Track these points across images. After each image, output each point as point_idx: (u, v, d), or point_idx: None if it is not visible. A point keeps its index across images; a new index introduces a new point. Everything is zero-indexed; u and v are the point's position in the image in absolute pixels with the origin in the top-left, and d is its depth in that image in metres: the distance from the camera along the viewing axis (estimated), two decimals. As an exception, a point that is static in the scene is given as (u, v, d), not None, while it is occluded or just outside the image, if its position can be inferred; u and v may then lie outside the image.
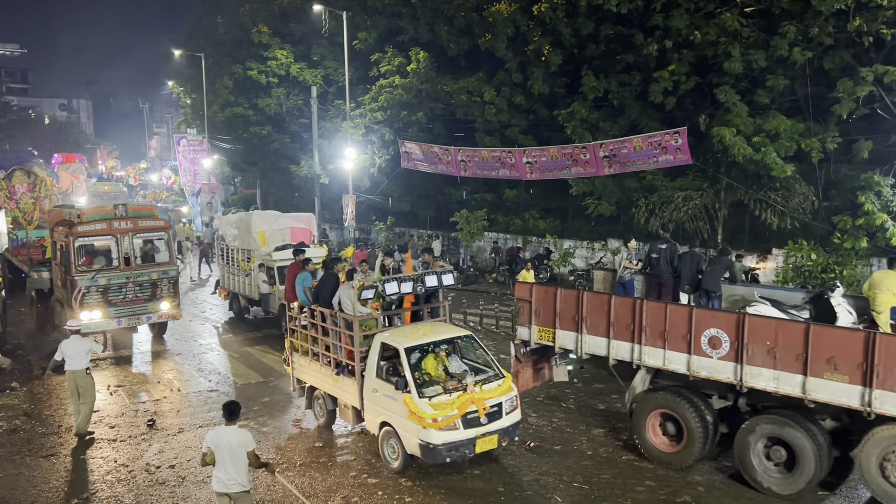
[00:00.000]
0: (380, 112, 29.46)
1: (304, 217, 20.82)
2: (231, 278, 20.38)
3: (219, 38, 39.41)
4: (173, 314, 16.95)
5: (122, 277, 16.00)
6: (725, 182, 20.84)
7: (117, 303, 15.99)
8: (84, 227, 15.76)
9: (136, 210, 16.86)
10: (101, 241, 16.11)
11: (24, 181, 24.43)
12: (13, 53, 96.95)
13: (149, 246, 16.87)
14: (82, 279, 15.46)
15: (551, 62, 25.35)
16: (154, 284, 16.43)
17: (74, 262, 15.54)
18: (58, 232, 16.58)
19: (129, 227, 16.13)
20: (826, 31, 18.71)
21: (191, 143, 43.17)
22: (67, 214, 16.75)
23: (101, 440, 11.63)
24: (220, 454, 7.34)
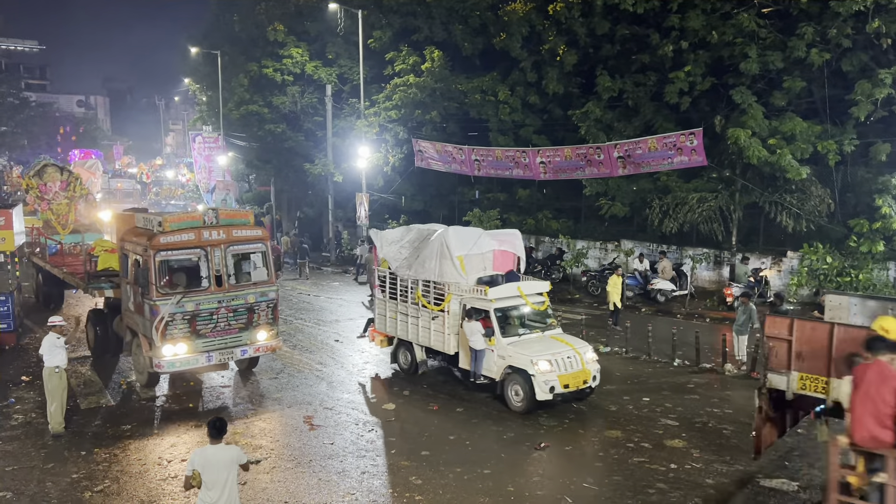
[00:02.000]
0: (394, 111, 29.49)
1: (509, 236, 14.85)
2: (399, 319, 14.73)
3: (235, 35, 39.53)
4: (272, 345, 13.80)
5: (214, 301, 12.88)
6: (740, 184, 20.73)
7: (207, 333, 12.82)
8: (168, 237, 12.64)
9: (229, 217, 13.72)
10: (187, 255, 13.00)
11: (56, 179, 21.73)
12: (32, 50, 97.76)
13: (243, 261, 13.83)
14: (165, 304, 12.36)
15: (566, 62, 25.28)
16: (251, 309, 13.26)
17: (156, 283, 12.44)
18: (130, 243, 13.47)
19: (222, 238, 13.09)
20: (844, 33, 18.56)
21: (206, 141, 43.39)
22: (143, 221, 13.59)
23: (113, 435, 11.72)
24: (208, 475, 6.92)
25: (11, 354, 16.16)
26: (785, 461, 10.36)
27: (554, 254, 25.63)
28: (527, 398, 12.17)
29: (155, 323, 12.39)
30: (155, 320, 12.42)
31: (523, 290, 13.30)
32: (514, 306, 13.24)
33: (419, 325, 14.24)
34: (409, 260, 14.29)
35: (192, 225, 13.11)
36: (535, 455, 10.73)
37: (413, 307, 14.34)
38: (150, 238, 12.67)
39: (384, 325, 15.15)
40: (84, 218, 22.94)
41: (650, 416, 12.35)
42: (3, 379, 14.52)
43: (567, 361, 12.28)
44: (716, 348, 15.93)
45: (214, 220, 13.31)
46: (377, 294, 15.36)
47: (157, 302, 12.43)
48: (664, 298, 21.62)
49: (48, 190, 21.73)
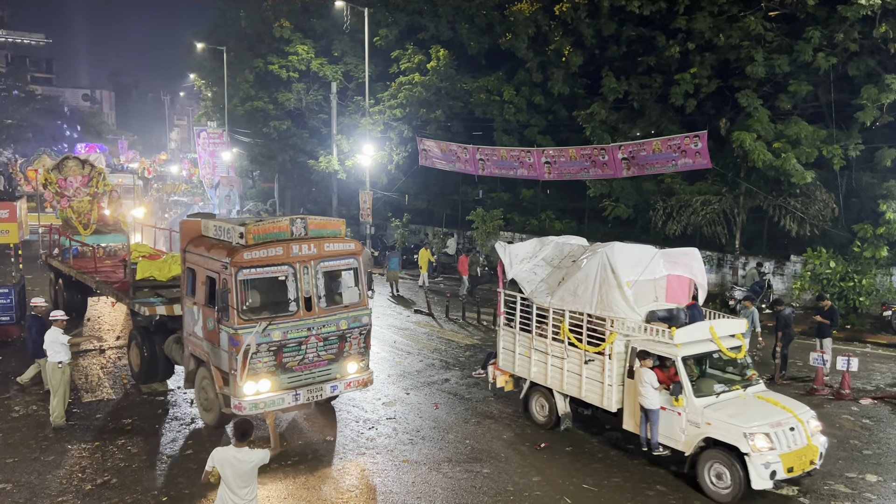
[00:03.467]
0: (399, 109, 29.50)
1: (686, 256, 11.66)
2: (533, 358, 11.59)
3: (241, 32, 39.61)
4: (364, 379, 11.69)
5: (303, 329, 10.80)
6: (745, 187, 20.69)
7: (293, 367, 10.81)
8: (252, 252, 10.55)
9: (319, 227, 11.49)
10: (273, 273, 10.83)
11: (77, 173, 20.03)
12: (38, 43, 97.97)
13: (334, 279, 11.66)
14: (249, 332, 10.27)
15: (572, 63, 25.25)
16: (342, 337, 11.25)
17: (238, 307, 10.39)
18: (200, 256, 11.38)
19: (313, 254, 11.04)
20: (851, 37, 18.51)
21: (211, 136, 43.51)
22: (215, 230, 11.41)
23: (115, 428, 11.75)
24: (226, 477, 6.84)
25: (14, 347, 16.18)
26: (785, 465, 10.32)
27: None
28: (736, 485, 9.07)
29: (239, 354, 10.29)
30: (235, 352, 10.33)
31: (716, 332, 10.20)
32: (706, 353, 10.30)
33: (564, 369, 11.08)
34: (549, 283, 11.40)
35: (278, 237, 10.97)
36: (535, 455, 10.72)
37: (556, 345, 11.21)
38: (231, 253, 10.52)
39: (511, 363, 12.08)
40: (108, 217, 20.92)
41: (651, 418, 12.32)
42: (6, 371, 14.57)
43: (789, 435, 9.19)
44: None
45: (303, 232, 11.22)
46: (501, 323, 12.32)
47: (240, 331, 10.31)
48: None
49: (69, 185, 19.91)
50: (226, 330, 10.52)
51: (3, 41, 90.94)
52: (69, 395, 12.04)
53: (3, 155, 64.36)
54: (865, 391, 13.78)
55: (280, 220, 11.09)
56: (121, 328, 18.56)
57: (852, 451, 10.93)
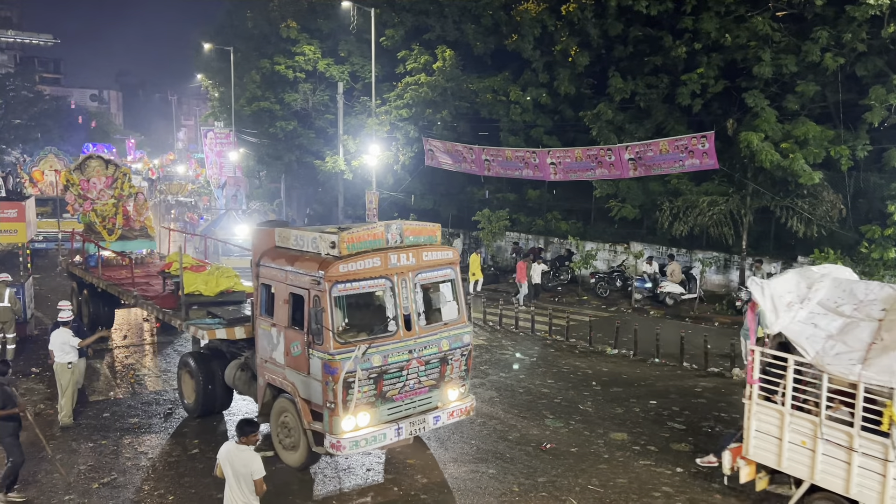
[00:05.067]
0: (405, 109, 29.52)
1: None
2: (820, 453, 8.04)
3: (248, 32, 39.68)
4: (467, 408, 10.37)
5: (404, 351, 9.50)
6: (752, 188, 20.63)
7: (394, 396, 9.50)
8: (348, 265, 9.24)
9: (414, 233, 10.20)
10: (370, 288, 9.58)
11: (101, 174, 18.62)
12: (46, 43, 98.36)
13: (432, 293, 10.39)
14: (347, 358, 8.93)
15: (578, 63, 25.23)
16: (444, 360, 9.97)
17: (333, 328, 9.08)
18: (279, 270, 9.92)
19: (411, 265, 9.79)
20: (859, 38, 18.44)
21: (218, 136, 43.58)
22: (295, 240, 10.05)
23: (121, 427, 11.79)
24: (226, 472, 6.86)
25: (21, 346, 16.25)
26: (792, 467, 10.28)
27: (563, 255, 25.60)
28: None
29: (335, 384, 8.90)
30: (332, 381, 8.93)
31: None
32: None
33: (890, 477, 7.44)
34: (850, 342, 7.89)
35: (373, 245, 9.65)
36: (541, 456, 10.72)
37: (872, 438, 7.55)
38: (324, 265, 9.13)
39: (774, 453, 8.50)
40: (134, 222, 19.36)
41: (657, 420, 12.32)
42: (14, 370, 14.62)
43: None
44: (724, 352, 15.87)
45: (399, 239, 9.94)
46: (754, 395, 8.70)
47: (337, 356, 8.92)
48: (673, 301, 21.56)
49: (92, 187, 18.50)
50: (319, 355, 9.09)
51: (11, 41, 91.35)
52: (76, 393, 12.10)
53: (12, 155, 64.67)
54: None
55: (374, 226, 9.81)
56: (127, 328, 18.65)
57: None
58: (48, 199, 28.32)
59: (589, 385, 14.32)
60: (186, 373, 12.29)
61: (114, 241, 18.17)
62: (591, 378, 14.81)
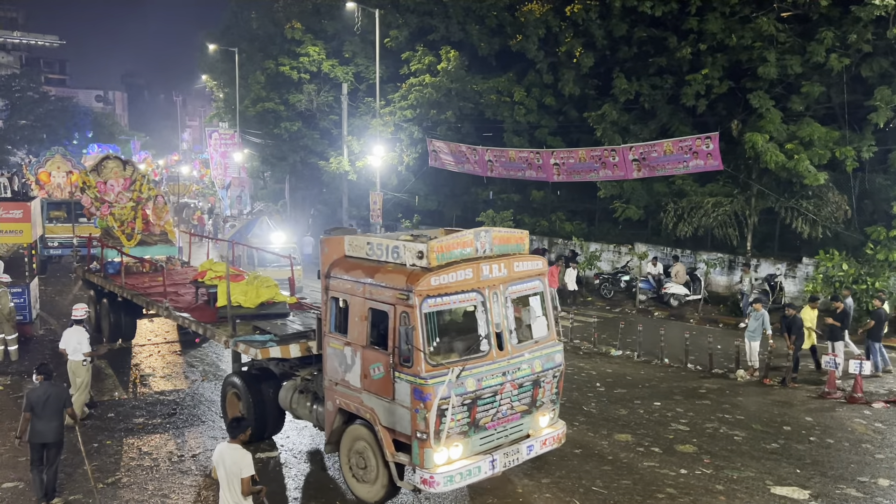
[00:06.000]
0: (409, 110, 29.54)
1: None
2: None
3: (252, 33, 39.79)
4: (559, 436, 9.52)
5: (497, 374, 8.60)
6: (756, 189, 20.60)
7: (487, 424, 8.62)
8: (440, 277, 8.30)
9: (503, 241, 9.27)
10: (462, 302, 8.64)
11: (119, 175, 17.88)
12: (52, 45, 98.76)
13: (522, 308, 9.48)
14: (441, 382, 8.02)
15: (583, 63, 25.22)
16: (536, 382, 9.10)
17: (425, 348, 8.16)
18: (359, 284, 8.86)
19: (503, 276, 8.89)
20: (865, 38, 18.41)
21: (222, 137, 43.68)
22: (372, 249, 9.06)
23: (125, 427, 11.81)
24: (219, 472, 6.79)
25: (27, 345, 16.30)
26: (797, 469, 10.29)
27: (567, 256, 25.56)
28: None
29: (425, 413, 7.97)
30: (424, 408, 7.98)
31: None
32: None
33: None
34: None
35: (463, 255, 8.71)
36: (544, 457, 10.71)
37: None
38: (413, 278, 8.18)
39: None
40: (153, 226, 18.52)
41: (661, 421, 12.30)
42: (20, 370, 14.69)
43: None
44: (728, 354, 15.84)
45: (489, 248, 9.01)
46: None
47: (430, 381, 7.99)
48: (677, 303, 21.53)
49: (109, 189, 17.69)
50: (407, 379, 8.12)
51: (17, 42, 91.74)
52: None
53: (17, 155, 64.90)
54: (878, 395, 13.68)
55: (463, 234, 8.85)
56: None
57: (864, 455, 10.86)
58: (62, 203, 26.54)
59: (593, 386, 14.31)
60: (233, 395, 11.20)
61: (133, 247, 17.23)
62: (596, 379, 14.80)
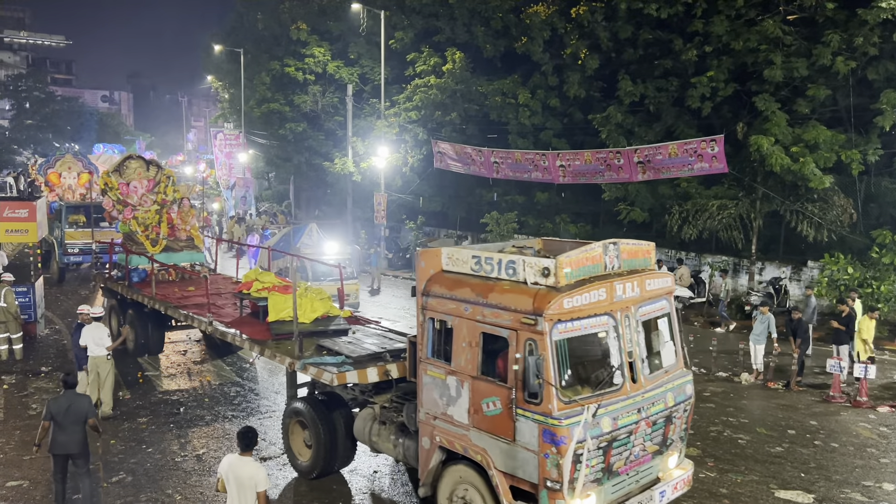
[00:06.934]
0: (414, 111, 29.56)
1: None
2: None
3: (258, 34, 39.91)
4: (689, 478, 8.38)
5: (633, 411, 7.49)
6: (761, 192, 20.54)
7: (620, 468, 7.50)
8: (574, 298, 7.15)
9: (631, 255, 8.26)
10: (594, 328, 7.45)
11: (142, 176, 16.90)
12: (59, 45, 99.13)
13: (650, 332, 8.26)
14: (577, 423, 6.87)
15: (588, 66, 25.20)
16: (669, 419, 7.99)
17: (557, 382, 7.00)
18: (468, 304, 7.69)
19: (635, 297, 7.80)
20: (871, 41, 18.36)
21: (227, 138, 43.73)
22: (479, 263, 7.85)
23: (130, 427, 11.84)
24: (229, 485, 6.59)
25: (31, 345, 16.34)
26: (801, 473, 10.25)
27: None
28: None
29: (559, 459, 6.82)
30: (557, 454, 6.83)
31: None
32: None
33: None
34: None
35: (592, 272, 7.61)
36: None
37: None
38: (542, 300, 7.04)
39: None
40: (179, 231, 17.28)
41: (665, 424, 12.26)
42: (24, 369, 14.73)
43: None
44: (732, 357, 15.79)
45: (617, 263, 7.94)
46: None
47: (564, 421, 6.83)
48: (682, 305, 21.47)
49: (132, 191, 16.64)
50: (535, 419, 6.97)
51: (23, 42, 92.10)
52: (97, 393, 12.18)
53: (23, 155, 65.07)
54: (883, 399, 13.64)
55: (591, 247, 7.74)
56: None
57: (869, 460, 10.82)
58: (80, 206, 24.73)
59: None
60: (297, 423, 10.05)
61: (157, 253, 16.05)
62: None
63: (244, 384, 14.26)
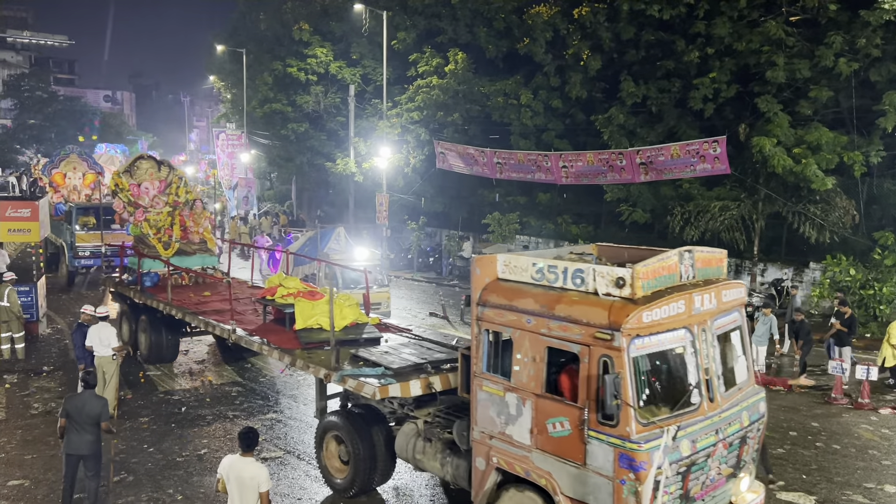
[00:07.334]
0: (416, 112, 29.57)
1: None
2: None
3: (261, 34, 39.91)
4: (761, 502, 7.79)
5: (710, 432, 6.97)
6: (764, 193, 20.53)
7: (696, 494, 7.00)
8: (653, 311, 6.62)
9: (705, 263, 7.69)
10: (672, 342, 6.96)
11: (154, 177, 16.36)
12: (61, 44, 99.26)
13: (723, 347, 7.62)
14: (657, 447, 6.33)
15: (590, 67, 25.20)
16: (743, 440, 7.48)
17: (636, 403, 6.48)
18: (532, 317, 7.15)
19: (712, 309, 7.29)
20: (874, 43, 18.35)
21: (229, 138, 43.77)
22: (542, 272, 7.31)
23: (131, 427, 11.85)
24: (230, 486, 6.57)
25: (33, 344, 16.35)
26: (802, 475, 10.24)
27: None
28: None
29: (637, 486, 6.34)
30: (636, 481, 6.34)
31: None
32: None
33: None
34: None
35: (668, 282, 7.10)
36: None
37: None
38: (618, 313, 6.54)
39: None
40: (192, 234, 16.74)
41: (666, 425, 12.24)
42: (26, 368, 14.75)
43: None
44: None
45: (692, 273, 7.43)
46: None
47: (644, 446, 6.32)
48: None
49: (143, 193, 16.12)
50: (611, 442, 6.47)
51: (26, 42, 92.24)
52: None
53: (26, 154, 65.19)
54: (885, 401, 13.61)
55: (667, 255, 7.16)
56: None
57: (871, 462, 10.81)
58: (90, 208, 23.87)
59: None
60: (333, 439, 9.48)
61: (171, 256, 15.58)
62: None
63: (245, 384, 14.27)
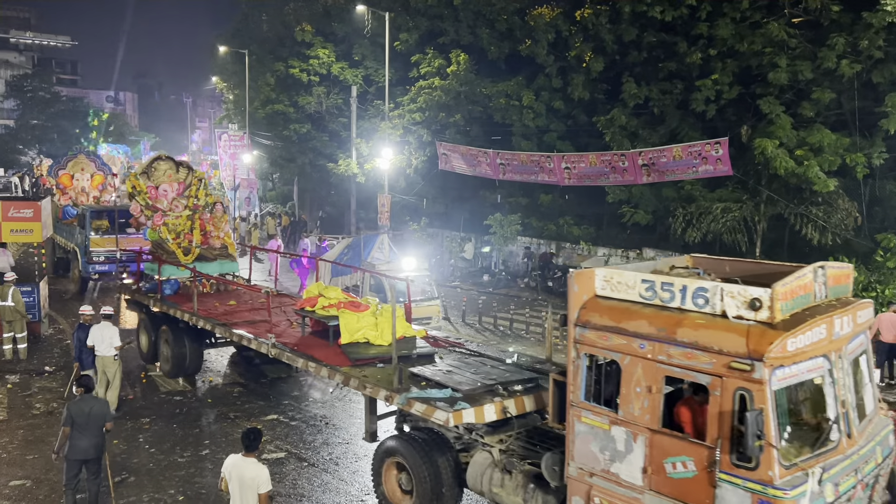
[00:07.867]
0: (418, 113, 29.59)
1: None
2: None
3: (263, 35, 39.98)
4: None
5: (850, 472, 6.30)
6: (766, 195, 20.51)
7: None
8: (798, 337, 5.83)
9: (836, 280, 7.00)
10: (811, 372, 6.16)
11: (172, 179, 15.54)
12: (64, 45, 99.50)
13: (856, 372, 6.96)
14: (804, 493, 5.69)
15: (592, 68, 25.19)
16: (877, 479, 6.78)
17: (778, 442, 5.71)
18: (642, 340, 6.40)
19: (849, 332, 6.57)
20: (876, 44, 18.32)
21: (232, 139, 43.81)
22: (654, 289, 6.61)
23: (133, 427, 11.85)
24: (232, 485, 6.62)
25: (35, 344, 16.38)
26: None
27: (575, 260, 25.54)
28: None
29: None
30: None
31: None
32: None
33: None
34: None
35: (804, 303, 6.31)
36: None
37: None
38: (759, 340, 5.75)
39: None
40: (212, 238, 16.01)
41: (668, 427, 12.23)
42: (27, 369, 14.77)
43: None
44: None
45: (825, 292, 6.69)
46: None
47: (791, 493, 5.61)
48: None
49: (162, 195, 15.31)
50: (748, 487, 5.71)
51: (29, 43, 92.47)
52: None
53: (29, 155, 65.31)
54: (888, 402, 13.58)
55: (803, 273, 6.37)
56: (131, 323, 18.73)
57: (873, 464, 10.76)
58: (104, 211, 22.36)
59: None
60: (394, 465, 8.68)
61: (191, 262, 14.80)
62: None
63: (247, 385, 14.27)
